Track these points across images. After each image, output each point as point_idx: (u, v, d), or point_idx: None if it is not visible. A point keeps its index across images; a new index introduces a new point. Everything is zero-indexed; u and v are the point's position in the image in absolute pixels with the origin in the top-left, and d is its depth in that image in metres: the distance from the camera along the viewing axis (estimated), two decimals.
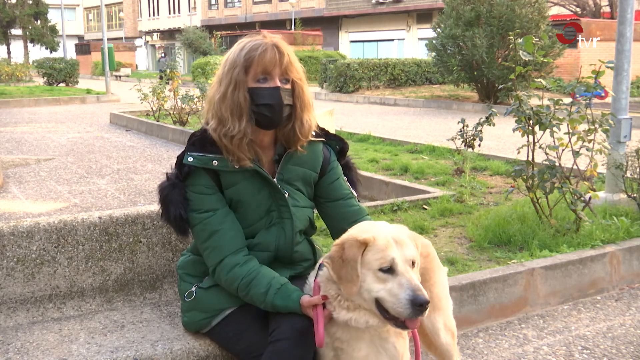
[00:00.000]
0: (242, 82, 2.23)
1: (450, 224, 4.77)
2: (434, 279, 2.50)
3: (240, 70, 2.23)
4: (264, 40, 2.25)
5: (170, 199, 2.29)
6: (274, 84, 2.23)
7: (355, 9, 40.34)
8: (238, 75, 2.23)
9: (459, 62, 16.94)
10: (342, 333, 2.05)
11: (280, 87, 2.24)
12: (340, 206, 2.43)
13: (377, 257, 1.95)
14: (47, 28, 49.09)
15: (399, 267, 1.94)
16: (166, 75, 13.22)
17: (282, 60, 2.23)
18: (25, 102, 19.98)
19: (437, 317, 2.48)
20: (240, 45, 2.29)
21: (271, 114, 2.24)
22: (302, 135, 2.31)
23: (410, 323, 1.93)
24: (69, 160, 9.22)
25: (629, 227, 4.31)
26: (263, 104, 2.23)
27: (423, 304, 1.87)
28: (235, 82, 2.23)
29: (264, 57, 2.21)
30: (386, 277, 1.93)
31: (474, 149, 6.91)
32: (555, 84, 4.75)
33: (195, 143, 2.31)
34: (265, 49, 2.22)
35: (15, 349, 2.37)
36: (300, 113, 2.30)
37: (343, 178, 2.49)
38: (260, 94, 2.23)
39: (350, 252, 1.98)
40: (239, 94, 2.23)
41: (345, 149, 2.55)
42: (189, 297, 2.38)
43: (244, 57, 2.23)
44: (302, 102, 2.30)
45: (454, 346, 2.57)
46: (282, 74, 2.25)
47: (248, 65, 2.23)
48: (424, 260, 2.50)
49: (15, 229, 2.62)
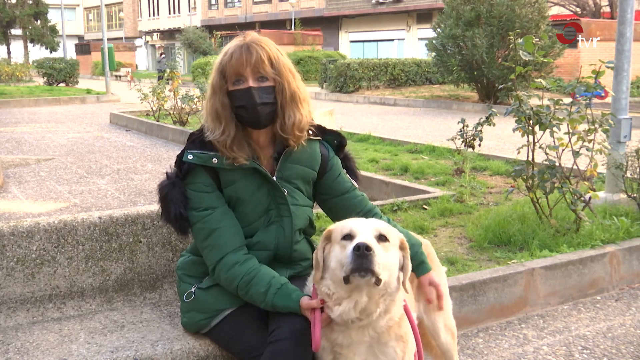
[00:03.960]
0: (220, 87, 2.27)
1: (450, 224, 4.77)
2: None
3: (216, 76, 2.27)
4: (238, 42, 2.27)
5: (170, 198, 2.29)
6: (246, 85, 2.24)
7: (355, 9, 40.33)
8: (214, 81, 2.28)
9: (459, 62, 16.94)
10: (342, 338, 2.04)
11: (252, 87, 2.23)
12: (346, 200, 2.46)
13: (340, 230, 2.03)
14: (47, 28, 49.08)
15: (358, 232, 1.97)
16: (166, 75, 13.23)
17: (250, 60, 2.22)
18: (25, 102, 19.98)
19: (437, 317, 2.49)
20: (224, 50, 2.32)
21: (247, 115, 2.26)
22: (288, 131, 2.30)
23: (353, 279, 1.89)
24: (69, 160, 9.22)
25: (629, 227, 4.31)
26: (238, 105, 2.26)
27: (360, 247, 1.86)
28: (212, 89, 2.29)
29: (233, 60, 2.24)
30: (346, 243, 1.97)
31: (474, 149, 6.90)
32: (555, 84, 4.75)
33: (195, 141, 2.32)
34: (233, 51, 2.25)
35: (15, 349, 2.37)
36: (282, 109, 2.29)
37: (344, 173, 2.51)
38: (235, 96, 2.26)
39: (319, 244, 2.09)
40: (215, 99, 2.27)
41: (344, 143, 2.55)
42: (188, 298, 2.38)
43: (220, 63, 2.27)
44: (284, 97, 2.28)
45: (454, 346, 2.57)
46: (254, 72, 2.24)
47: (223, 70, 2.26)
48: None
49: (15, 229, 2.62)
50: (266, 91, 2.25)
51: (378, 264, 1.88)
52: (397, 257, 2.03)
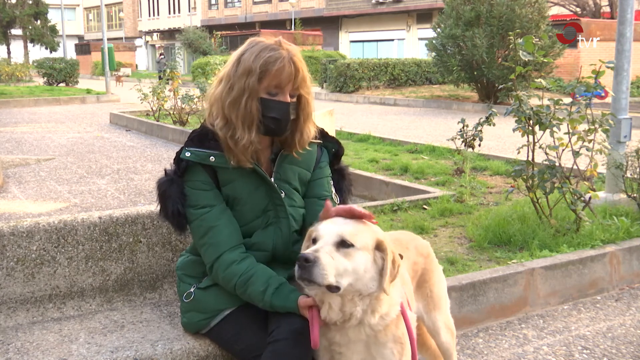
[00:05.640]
0: (256, 91, 2.21)
1: (450, 224, 4.77)
2: (433, 279, 2.51)
3: (255, 80, 2.20)
4: (281, 52, 2.21)
5: (168, 195, 2.29)
6: (284, 99, 2.23)
7: (355, 9, 40.33)
8: (253, 84, 2.20)
9: (459, 62, 16.94)
10: (339, 337, 2.03)
11: (289, 103, 2.24)
12: (316, 204, 2.39)
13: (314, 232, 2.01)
14: (47, 28, 49.06)
15: (320, 237, 1.95)
16: (165, 75, 13.23)
17: (297, 77, 2.22)
18: (25, 102, 19.98)
19: (437, 317, 2.50)
20: (255, 49, 2.24)
21: (276, 127, 2.25)
22: (299, 145, 2.32)
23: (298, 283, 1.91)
24: (69, 160, 9.22)
25: (629, 227, 4.31)
26: (271, 116, 2.23)
27: (300, 259, 1.84)
28: (250, 92, 2.21)
29: (281, 73, 2.19)
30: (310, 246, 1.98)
31: (474, 149, 6.91)
32: (555, 84, 4.75)
33: (194, 139, 2.31)
34: (282, 64, 2.19)
35: (15, 349, 2.37)
36: (302, 125, 2.30)
37: (329, 180, 2.47)
38: (270, 107, 2.22)
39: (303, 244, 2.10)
40: (252, 103, 2.21)
41: (341, 152, 2.53)
42: (188, 298, 2.38)
43: (259, 67, 2.19)
44: (305, 114, 2.30)
45: (453, 345, 2.57)
46: (294, 90, 2.24)
47: (263, 77, 2.20)
48: (424, 261, 2.50)
49: (15, 229, 2.62)
50: (294, 106, 2.27)
51: (322, 274, 1.84)
52: (366, 260, 1.94)
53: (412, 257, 2.45)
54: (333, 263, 1.87)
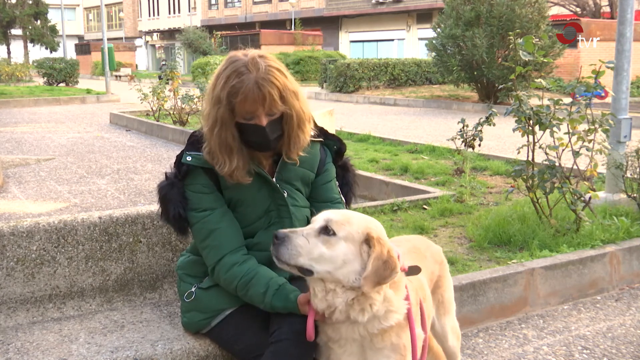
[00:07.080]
0: (228, 120, 2.18)
1: (450, 224, 4.77)
2: (445, 285, 2.51)
3: (224, 110, 2.17)
4: (246, 78, 2.12)
5: (169, 198, 2.29)
6: (259, 122, 2.18)
7: (355, 9, 40.33)
8: (223, 114, 2.17)
9: (459, 62, 16.93)
10: (331, 332, 2.01)
11: (265, 127, 2.18)
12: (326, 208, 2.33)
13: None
14: (47, 28, 49.06)
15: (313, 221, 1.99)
16: (166, 75, 13.22)
17: (265, 102, 2.15)
18: (25, 102, 19.98)
19: (446, 321, 2.50)
20: (226, 72, 2.17)
21: (259, 147, 2.26)
22: (294, 152, 2.30)
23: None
24: (69, 160, 9.22)
25: (629, 227, 4.31)
26: (250, 139, 2.23)
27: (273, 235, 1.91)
28: (221, 122, 2.18)
29: (246, 102, 2.14)
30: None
31: (474, 149, 6.91)
32: (555, 84, 4.75)
33: (195, 143, 2.31)
34: (244, 95, 2.11)
35: (15, 349, 2.37)
36: (291, 136, 2.26)
37: (335, 182, 2.48)
38: (247, 131, 2.21)
39: None
40: (226, 133, 2.19)
41: (343, 149, 2.53)
42: (189, 298, 2.38)
43: (226, 98, 2.15)
44: (291, 127, 2.24)
45: (459, 349, 2.59)
46: (267, 112, 2.18)
47: (232, 107, 2.17)
48: (439, 268, 2.48)
49: (15, 229, 2.62)
50: (275, 123, 2.22)
51: (289, 254, 1.88)
52: (346, 251, 1.90)
53: (430, 266, 2.41)
54: (308, 246, 1.89)
